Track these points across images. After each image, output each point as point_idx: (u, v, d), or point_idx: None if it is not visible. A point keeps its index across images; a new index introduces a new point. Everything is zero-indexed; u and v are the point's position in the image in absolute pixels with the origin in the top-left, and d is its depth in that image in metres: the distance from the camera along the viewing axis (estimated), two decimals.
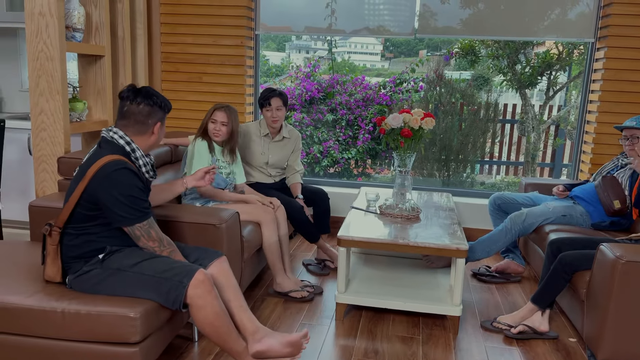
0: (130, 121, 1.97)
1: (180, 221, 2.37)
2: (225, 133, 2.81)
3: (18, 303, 1.80)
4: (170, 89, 3.99)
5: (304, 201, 3.25)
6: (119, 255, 1.91)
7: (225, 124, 2.80)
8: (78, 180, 1.88)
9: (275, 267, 2.80)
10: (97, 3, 3.12)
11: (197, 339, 2.36)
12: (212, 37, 3.86)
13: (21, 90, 4.16)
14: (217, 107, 2.81)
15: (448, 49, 6.78)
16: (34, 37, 2.75)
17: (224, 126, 2.80)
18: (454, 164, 5.80)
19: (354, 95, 5.70)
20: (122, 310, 1.77)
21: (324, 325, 2.57)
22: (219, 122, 2.79)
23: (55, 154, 2.83)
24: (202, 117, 3.96)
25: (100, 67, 3.22)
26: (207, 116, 2.83)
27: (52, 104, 2.81)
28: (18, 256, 2.18)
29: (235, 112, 2.85)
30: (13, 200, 3.61)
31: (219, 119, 2.79)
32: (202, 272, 1.86)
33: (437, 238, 2.57)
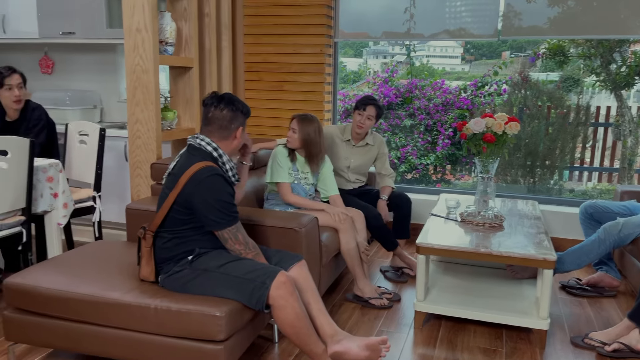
0: (214, 127, 2.07)
1: (262, 225, 2.45)
2: (296, 140, 2.82)
3: (117, 299, 1.94)
4: (253, 97, 4.13)
5: (387, 203, 3.25)
6: (206, 257, 2.01)
7: (295, 131, 2.82)
8: (171, 187, 2.00)
9: (356, 272, 2.81)
10: (187, 18, 3.31)
11: (278, 340, 2.42)
12: (293, 46, 3.96)
13: (119, 102, 4.50)
14: (295, 115, 2.87)
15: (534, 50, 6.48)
16: (131, 51, 2.97)
17: (294, 133, 2.82)
18: (540, 170, 5.52)
19: (433, 100, 5.60)
20: (209, 309, 1.86)
21: (403, 333, 2.54)
22: (291, 129, 2.84)
23: (148, 160, 3.03)
24: (282, 125, 4.07)
25: (189, 78, 3.40)
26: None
27: (146, 114, 3.01)
28: (117, 255, 2.35)
29: (311, 122, 2.82)
30: (111, 203, 3.91)
31: (292, 126, 2.84)
32: (284, 274, 1.91)
33: (522, 247, 2.46)
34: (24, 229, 2.65)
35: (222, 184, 1.97)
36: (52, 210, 2.82)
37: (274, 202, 2.89)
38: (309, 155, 2.86)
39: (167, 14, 3.13)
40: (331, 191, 2.98)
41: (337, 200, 2.97)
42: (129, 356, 1.98)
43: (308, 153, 2.86)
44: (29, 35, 4.21)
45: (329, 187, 2.98)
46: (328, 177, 2.98)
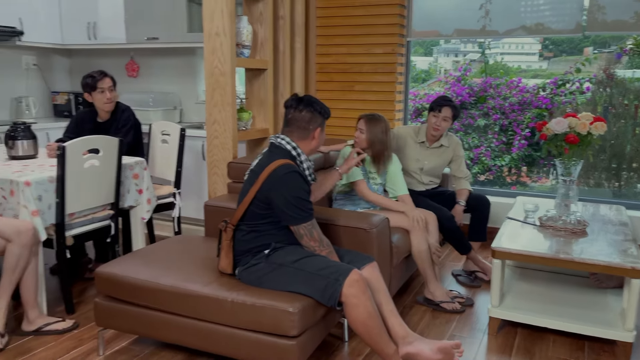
0: (294, 127, 2.14)
1: (334, 224, 2.47)
2: (363, 141, 2.80)
3: (196, 291, 2.04)
4: (324, 98, 4.17)
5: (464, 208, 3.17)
6: (282, 251, 2.07)
7: (362, 131, 2.81)
8: (252, 183, 2.09)
9: (427, 275, 2.77)
10: (263, 21, 3.40)
11: (348, 339, 2.44)
12: (365, 46, 3.96)
13: (197, 103, 4.70)
14: (362, 115, 2.86)
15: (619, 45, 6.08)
16: (210, 54, 3.09)
17: (362, 133, 2.81)
18: (626, 173, 5.17)
19: (508, 99, 5.40)
20: (282, 304, 1.91)
21: (476, 339, 2.48)
22: (358, 129, 2.84)
23: (225, 159, 3.15)
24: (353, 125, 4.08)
25: (264, 80, 3.50)
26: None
27: (223, 115, 3.13)
28: (196, 249, 2.47)
29: (378, 121, 2.80)
30: (189, 199, 4.09)
31: (359, 126, 2.83)
32: (357, 272, 1.93)
33: (607, 255, 2.32)
34: (113, 222, 2.83)
35: (299, 181, 2.03)
36: (137, 205, 3.00)
37: (342, 203, 2.91)
38: (375, 154, 2.84)
39: (244, 18, 3.23)
40: (400, 191, 2.94)
41: (407, 200, 2.93)
42: (205, 346, 2.07)
43: (375, 153, 2.84)
44: (117, 41, 4.50)
45: (398, 186, 2.95)
46: (397, 177, 2.95)
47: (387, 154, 2.86)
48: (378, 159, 2.86)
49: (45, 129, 4.35)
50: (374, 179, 2.91)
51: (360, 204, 2.87)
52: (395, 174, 2.95)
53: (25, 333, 2.44)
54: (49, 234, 2.54)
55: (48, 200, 2.51)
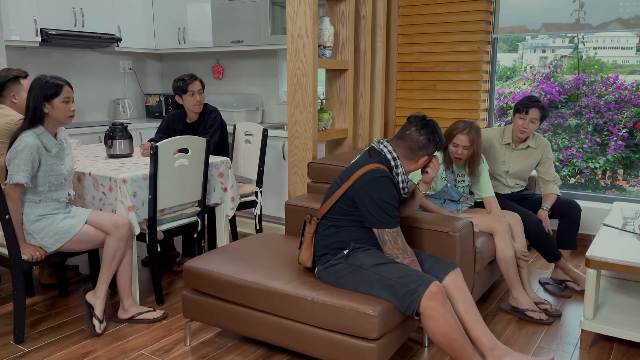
0: (404, 144, 2.13)
1: (416, 227, 2.43)
2: (465, 156, 2.71)
3: (278, 288, 2.08)
4: (405, 98, 4.12)
5: (550, 213, 3.00)
6: (362, 253, 2.06)
7: (467, 148, 2.68)
8: (344, 180, 2.11)
9: (512, 280, 2.65)
10: (345, 21, 3.41)
11: (427, 345, 2.39)
12: (449, 44, 3.86)
13: (278, 104, 4.81)
14: (460, 128, 2.68)
15: None
16: (293, 56, 3.15)
17: (466, 150, 2.69)
18: None
19: (604, 97, 5.04)
20: (362, 307, 1.90)
21: (567, 352, 2.33)
22: (460, 146, 2.68)
23: (305, 159, 3.19)
24: None
25: (344, 80, 3.51)
26: (448, 134, 2.72)
27: (304, 115, 3.17)
28: (277, 247, 2.52)
29: (479, 132, 2.70)
30: (269, 198, 4.20)
31: (461, 143, 2.68)
32: (437, 284, 1.88)
33: None
34: (199, 218, 2.97)
35: (391, 187, 2.03)
36: (222, 203, 3.11)
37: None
38: (471, 162, 2.77)
39: (326, 19, 3.26)
40: (486, 192, 2.84)
41: (493, 203, 2.82)
42: (285, 343, 2.11)
43: (471, 160, 2.76)
44: (204, 44, 4.71)
45: (484, 188, 2.85)
46: (483, 178, 2.85)
47: (480, 159, 2.78)
48: (472, 165, 2.77)
49: (138, 129, 4.65)
50: (462, 181, 2.84)
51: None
52: (483, 175, 2.85)
53: (120, 320, 2.62)
54: (142, 229, 2.71)
55: (142, 196, 2.67)
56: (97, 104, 5.00)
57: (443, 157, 2.78)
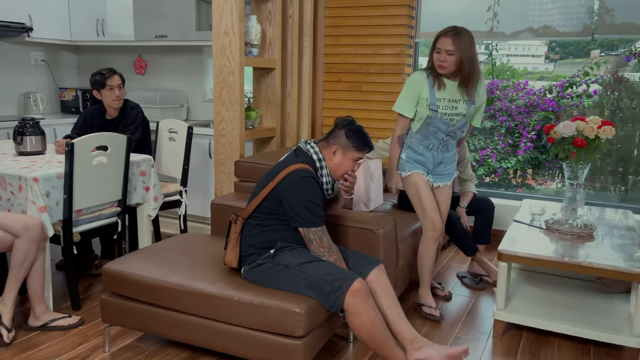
0: (328, 142, 2.17)
1: (340, 224, 2.48)
2: (451, 63, 2.38)
3: (202, 289, 2.04)
4: (331, 98, 4.18)
5: (467, 210, 3.17)
6: (288, 252, 2.08)
7: (451, 53, 2.36)
8: (270, 179, 2.12)
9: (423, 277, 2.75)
10: (272, 20, 3.41)
11: (352, 340, 2.44)
12: (373, 46, 3.96)
13: (204, 101, 4.71)
14: (444, 30, 2.40)
15: (630, 49, 6.05)
16: (219, 53, 3.10)
17: (450, 56, 2.37)
18: (633, 177, 5.15)
19: (515, 101, 5.39)
20: (289, 305, 1.92)
21: (481, 342, 2.48)
22: (443, 50, 2.38)
23: (232, 157, 3.16)
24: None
25: (272, 79, 3.50)
26: (433, 41, 2.45)
27: (231, 113, 3.14)
28: (202, 247, 2.47)
29: (469, 38, 2.38)
30: (195, 197, 4.10)
31: (444, 47, 2.38)
32: (360, 281, 1.93)
33: (614, 259, 2.32)
34: (120, 219, 2.84)
35: (315, 187, 2.06)
36: (144, 202, 3.01)
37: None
38: (465, 77, 2.42)
39: (253, 17, 3.24)
40: (474, 121, 2.69)
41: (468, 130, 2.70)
42: (211, 344, 2.08)
43: (464, 75, 2.41)
44: (125, 38, 4.52)
45: (475, 117, 2.66)
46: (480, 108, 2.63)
47: (478, 72, 2.45)
48: (467, 82, 2.43)
49: (52, 125, 4.38)
50: (454, 109, 2.48)
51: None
52: (484, 104, 2.63)
53: (31, 328, 2.45)
54: (56, 230, 2.56)
55: (56, 196, 2.52)
56: (5, 97, 4.65)
57: (429, 73, 2.50)
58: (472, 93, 2.49)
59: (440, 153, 2.62)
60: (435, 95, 2.48)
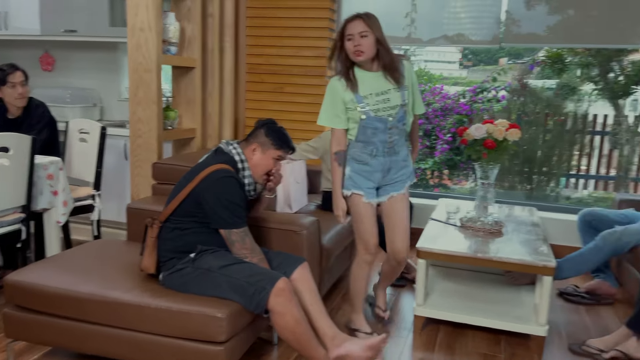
0: (248, 142, 2.16)
1: (263, 226, 2.45)
2: (368, 46, 2.13)
3: (116, 298, 1.94)
4: (254, 99, 4.13)
5: None
6: (209, 256, 2.02)
7: (365, 34, 2.12)
8: (189, 180, 2.05)
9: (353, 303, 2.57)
10: (191, 18, 3.31)
11: (277, 342, 2.42)
12: (295, 48, 3.96)
13: (119, 100, 4.49)
14: (347, 18, 2.17)
15: (533, 57, 6.52)
16: (135, 50, 2.97)
17: (365, 37, 2.12)
18: (537, 177, 5.55)
19: (432, 105, 5.62)
20: (210, 310, 1.86)
21: (403, 337, 2.55)
22: (356, 34, 2.12)
23: (149, 159, 3.03)
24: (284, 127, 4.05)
25: (191, 78, 3.41)
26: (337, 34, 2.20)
27: (148, 113, 3.01)
28: (116, 254, 2.35)
29: (376, 19, 2.19)
30: (110, 201, 3.90)
31: (356, 30, 2.12)
32: (284, 280, 1.92)
33: (521, 254, 2.47)
34: (23, 226, 2.64)
35: (237, 187, 2.03)
36: (52, 208, 2.81)
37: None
38: (387, 61, 2.19)
39: (171, 14, 3.14)
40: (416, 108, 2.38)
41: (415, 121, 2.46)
42: (128, 356, 1.98)
43: (385, 58, 2.18)
44: (30, 32, 4.20)
45: (416, 103, 2.36)
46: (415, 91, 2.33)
47: (396, 57, 2.23)
48: (390, 64, 2.20)
49: None
50: (387, 102, 2.21)
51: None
52: (416, 84, 2.33)
53: None
54: None
55: None
56: None
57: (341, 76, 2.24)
58: (399, 76, 2.20)
59: (387, 158, 2.29)
60: (360, 93, 2.20)
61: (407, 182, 2.40)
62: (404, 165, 2.37)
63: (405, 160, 2.37)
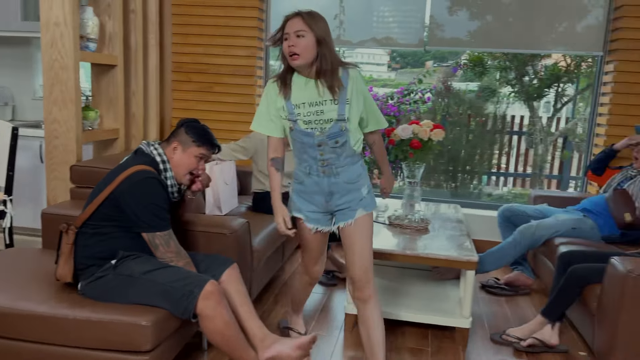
0: (168, 141, 2.09)
1: (190, 230, 2.38)
2: (304, 48, 1.85)
3: (30, 310, 1.81)
4: (181, 98, 4.02)
5: None
6: (131, 261, 1.93)
7: (302, 34, 1.84)
8: (107, 183, 1.95)
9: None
10: (111, 13, 3.16)
11: (207, 348, 2.36)
12: (224, 47, 3.89)
13: (33, 99, 4.21)
14: (289, 15, 1.91)
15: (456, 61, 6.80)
16: (49, 46, 2.79)
17: (302, 38, 1.84)
18: (461, 175, 5.80)
19: None
20: (133, 318, 1.78)
21: (333, 336, 2.56)
22: (292, 34, 1.86)
23: (67, 161, 2.86)
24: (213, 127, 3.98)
25: (113, 77, 3.25)
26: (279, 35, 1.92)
27: (65, 113, 2.84)
28: (30, 263, 2.20)
29: (321, 17, 1.90)
30: (24, 207, 3.64)
31: (292, 29, 1.86)
32: (213, 283, 1.87)
33: (446, 249, 2.57)
34: None
35: (158, 188, 1.95)
36: None
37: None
38: (325, 68, 1.88)
39: (88, 9, 2.98)
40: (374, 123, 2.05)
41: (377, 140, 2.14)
42: None
43: (324, 64, 1.88)
44: None
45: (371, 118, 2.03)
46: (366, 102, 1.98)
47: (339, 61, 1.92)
48: (329, 72, 1.89)
49: None
50: (321, 114, 1.91)
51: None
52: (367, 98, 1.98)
53: None
54: None
55: None
56: None
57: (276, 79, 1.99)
58: (337, 87, 1.89)
59: (325, 179, 1.98)
60: (292, 100, 1.94)
61: (359, 210, 2.00)
62: (351, 190, 2.00)
63: (353, 183, 2.00)
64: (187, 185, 2.16)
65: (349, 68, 1.94)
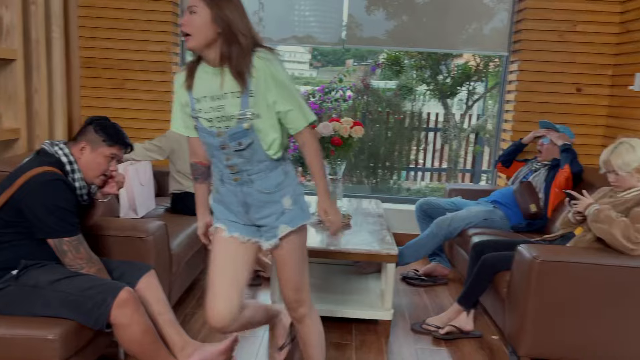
0: (76, 141, 1.97)
1: (102, 234, 2.25)
2: (196, 28, 1.51)
3: None
4: (91, 95, 3.80)
5: None
6: (36, 270, 1.79)
7: (194, 10, 1.51)
8: (6, 187, 1.80)
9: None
10: (9, 4, 2.91)
11: (124, 359, 2.25)
12: (136, 42, 3.72)
13: None
14: None
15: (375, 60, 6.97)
16: None
17: (194, 13, 1.51)
18: (381, 171, 5.96)
19: None
20: (38, 332, 1.66)
21: (257, 337, 2.53)
22: (186, 12, 1.54)
23: None
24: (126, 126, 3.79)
25: (12, 72, 3.00)
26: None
27: None
28: None
29: None
30: None
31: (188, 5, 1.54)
32: (128, 290, 1.78)
33: (368, 244, 2.61)
34: None
35: (65, 190, 1.82)
36: None
37: None
38: (225, 52, 1.54)
39: None
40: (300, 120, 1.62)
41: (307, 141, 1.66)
42: None
43: (225, 47, 1.54)
44: None
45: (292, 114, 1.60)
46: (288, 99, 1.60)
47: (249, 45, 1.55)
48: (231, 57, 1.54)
49: None
50: (222, 110, 1.58)
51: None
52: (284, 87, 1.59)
53: None
54: None
55: None
56: None
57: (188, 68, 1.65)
58: (242, 76, 1.54)
59: (238, 187, 1.66)
60: (193, 94, 1.63)
61: (282, 227, 1.67)
62: (267, 202, 1.66)
63: (270, 194, 1.65)
64: (99, 187, 2.03)
65: (256, 53, 1.56)
